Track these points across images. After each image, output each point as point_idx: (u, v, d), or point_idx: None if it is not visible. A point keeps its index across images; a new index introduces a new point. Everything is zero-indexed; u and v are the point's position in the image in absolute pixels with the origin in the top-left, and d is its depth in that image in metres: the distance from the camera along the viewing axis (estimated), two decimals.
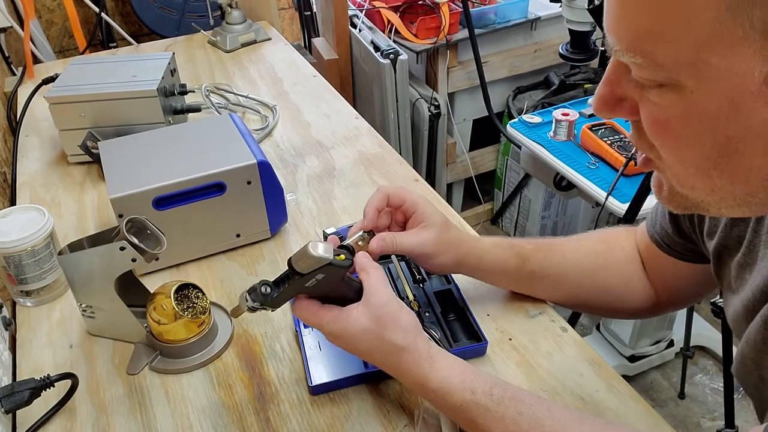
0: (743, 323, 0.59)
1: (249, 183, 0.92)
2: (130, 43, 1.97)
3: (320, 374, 0.76)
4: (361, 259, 0.68)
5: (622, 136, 1.49)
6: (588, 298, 0.81)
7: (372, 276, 0.66)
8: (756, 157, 0.42)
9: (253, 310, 0.64)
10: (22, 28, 1.70)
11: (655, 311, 0.83)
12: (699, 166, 0.44)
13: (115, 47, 2.08)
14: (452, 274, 0.87)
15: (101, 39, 2.13)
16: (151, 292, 0.80)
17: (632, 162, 1.40)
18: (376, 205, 0.73)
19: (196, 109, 1.28)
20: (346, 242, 0.70)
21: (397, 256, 0.91)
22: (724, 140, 0.41)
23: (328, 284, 0.65)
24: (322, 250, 0.62)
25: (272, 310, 0.66)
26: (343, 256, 0.65)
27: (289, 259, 0.63)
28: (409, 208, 0.74)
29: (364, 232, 0.71)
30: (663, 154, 0.46)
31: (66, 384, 0.75)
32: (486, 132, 2.38)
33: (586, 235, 0.84)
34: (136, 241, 0.74)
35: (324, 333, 0.67)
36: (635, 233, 0.82)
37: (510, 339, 0.80)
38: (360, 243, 0.71)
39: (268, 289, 0.63)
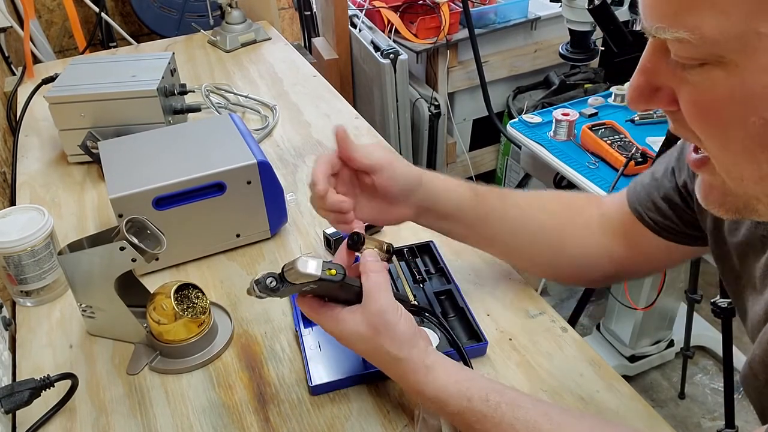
0: (761, 325, 0.58)
1: (249, 183, 0.92)
2: (130, 43, 1.97)
3: (320, 374, 0.76)
4: (365, 260, 0.67)
5: (622, 135, 1.49)
6: (542, 257, 0.81)
7: (371, 280, 0.65)
8: None
9: (260, 297, 0.65)
10: (22, 28, 1.70)
11: (612, 280, 0.82)
12: (745, 149, 0.42)
13: (114, 47, 2.08)
14: (451, 274, 0.87)
15: (101, 39, 2.13)
16: (151, 292, 0.80)
17: (632, 162, 1.40)
18: (323, 169, 0.70)
19: (196, 109, 1.28)
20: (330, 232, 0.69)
21: (397, 256, 0.91)
22: None
23: (325, 290, 0.65)
24: (311, 268, 0.62)
25: (280, 298, 0.67)
26: (334, 271, 0.63)
27: (283, 267, 0.64)
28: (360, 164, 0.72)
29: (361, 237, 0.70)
30: (706, 143, 0.45)
31: (66, 384, 0.75)
32: (486, 132, 2.38)
33: (539, 192, 0.83)
34: (136, 241, 0.74)
35: (325, 330, 0.67)
36: (599, 201, 0.81)
37: (510, 339, 0.80)
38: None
39: (274, 283, 0.63)
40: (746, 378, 0.61)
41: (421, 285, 0.86)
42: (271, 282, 0.63)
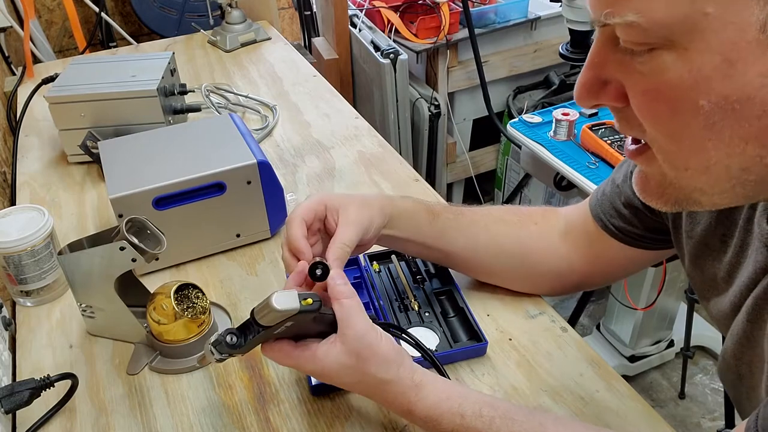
0: (730, 320, 0.59)
1: (249, 183, 0.92)
2: (129, 43, 1.97)
3: None
4: (334, 286, 0.63)
5: (622, 135, 1.49)
6: (503, 268, 0.81)
7: (345, 306, 0.61)
8: (753, 120, 0.40)
9: (220, 360, 0.61)
10: (22, 28, 1.70)
11: (573, 290, 0.84)
12: (694, 138, 0.42)
13: (114, 47, 2.08)
14: (452, 274, 0.87)
15: (101, 39, 2.13)
16: (151, 292, 0.80)
17: None
18: (301, 233, 0.68)
19: (196, 109, 1.28)
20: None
21: (396, 255, 0.91)
22: (720, 101, 0.40)
23: (298, 327, 0.61)
24: (287, 303, 0.57)
25: (242, 355, 0.63)
26: (310, 300, 0.59)
27: (252, 311, 0.59)
28: (321, 209, 0.72)
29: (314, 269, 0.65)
30: (653, 134, 0.45)
31: (66, 384, 0.75)
32: (486, 132, 2.38)
33: (492, 207, 0.84)
34: (136, 241, 0.74)
35: (303, 372, 0.64)
36: (557, 212, 0.82)
37: (510, 339, 0.80)
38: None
39: (234, 339, 0.59)
40: (721, 371, 0.61)
41: (421, 285, 0.86)
42: (231, 339, 0.59)
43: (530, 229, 0.81)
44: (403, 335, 0.70)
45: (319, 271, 0.64)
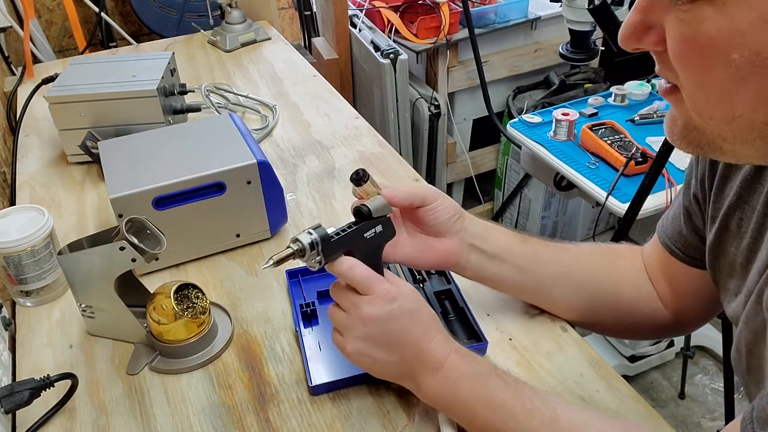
0: (743, 306, 0.59)
1: (249, 183, 0.92)
2: (129, 43, 1.97)
3: (320, 374, 0.76)
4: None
5: (622, 135, 1.49)
6: (596, 304, 0.78)
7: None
8: None
9: (301, 253, 0.61)
10: (22, 28, 1.70)
11: (669, 331, 0.80)
12: (722, 90, 0.44)
13: (114, 47, 2.08)
14: (451, 274, 0.87)
15: (101, 39, 2.13)
16: (151, 292, 0.80)
17: (632, 162, 1.40)
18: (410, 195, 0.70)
19: (196, 109, 1.28)
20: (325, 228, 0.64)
21: None
22: (752, 57, 0.41)
23: (376, 244, 0.66)
24: (380, 200, 0.67)
25: (317, 266, 0.63)
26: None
27: (356, 206, 0.66)
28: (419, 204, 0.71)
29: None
30: (685, 81, 0.46)
31: (66, 384, 0.75)
32: (486, 132, 2.38)
33: (581, 243, 0.82)
34: (136, 241, 0.74)
35: (359, 305, 0.64)
36: (641, 251, 0.80)
37: (510, 339, 0.80)
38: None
39: (326, 233, 0.62)
40: (734, 359, 0.61)
41: (421, 285, 0.86)
42: (321, 230, 0.61)
43: (620, 263, 0.79)
44: None
45: (356, 175, 0.67)
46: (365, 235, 0.65)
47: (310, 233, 0.61)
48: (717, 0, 0.41)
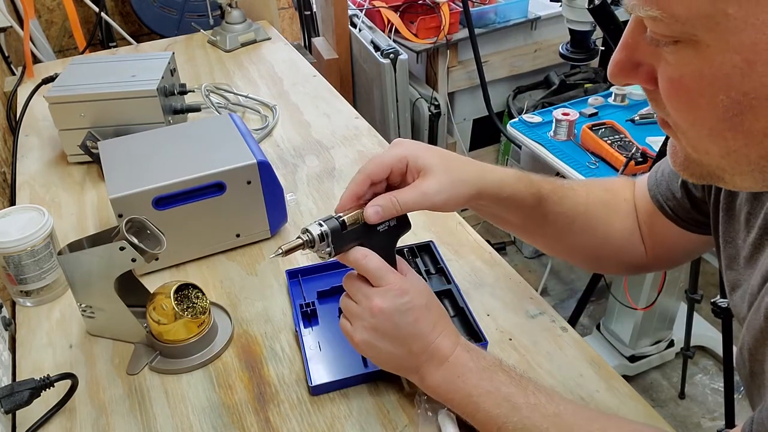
0: (747, 308, 0.59)
1: (249, 183, 0.92)
2: (129, 43, 1.97)
3: (320, 374, 0.76)
4: (401, 262, 0.68)
5: (622, 135, 1.49)
6: (586, 249, 0.79)
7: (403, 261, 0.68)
8: None
9: (311, 244, 0.61)
10: (22, 28, 1.70)
11: (641, 269, 0.82)
12: (713, 128, 0.44)
13: (114, 47, 2.08)
14: (451, 274, 0.87)
15: (101, 39, 2.13)
16: (151, 292, 0.80)
17: (632, 162, 1.40)
18: (369, 173, 0.67)
19: (196, 109, 1.28)
20: (340, 215, 0.64)
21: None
22: (739, 97, 0.41)
23: (389, 238, 0.66)
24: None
25: (327, 257, 0.63)
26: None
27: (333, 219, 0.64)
28: (401, 166, 0.67)
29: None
30: (676, 119, 0.46)
31: (66, 384, 0.75)
32: (486, 132, 2.38)
33: (591, 182, 0.82)
34: (135, 241, 0.74)
35: (371, 296, 0.64)
36: (633, 186, 0.80)
37: (510, 339, 0.80)
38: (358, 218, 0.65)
39: (336, 224, 0.62)
40: (737, 363, 0.61)
41: None
42: (333, 222, 0.62)
43: (621, 207, 0.79)
44: None
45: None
46: (378, 228, 0.65)
47: (321, 224, 0.62)
48: (699, 43, 0.41)
